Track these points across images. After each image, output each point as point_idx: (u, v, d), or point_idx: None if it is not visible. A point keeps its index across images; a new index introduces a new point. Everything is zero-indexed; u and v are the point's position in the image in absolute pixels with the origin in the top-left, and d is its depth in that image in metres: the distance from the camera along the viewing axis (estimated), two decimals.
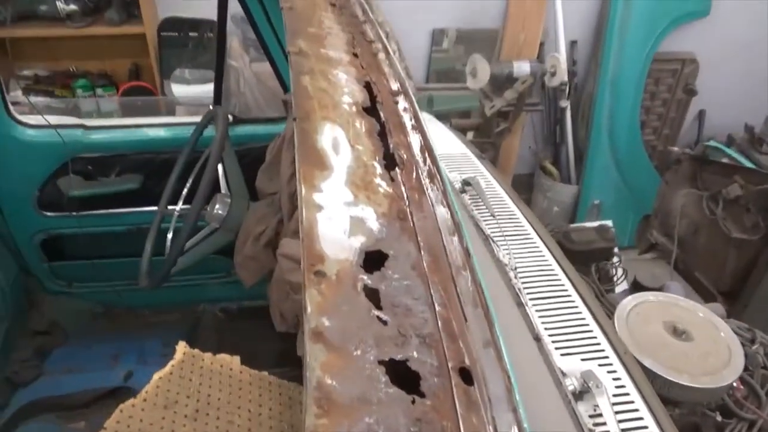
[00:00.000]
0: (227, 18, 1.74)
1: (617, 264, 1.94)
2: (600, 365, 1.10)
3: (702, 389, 1.26)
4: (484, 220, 1.42)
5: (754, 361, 1.46)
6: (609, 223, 3.17)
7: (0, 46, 2.68)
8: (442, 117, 2.54)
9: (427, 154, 0.58)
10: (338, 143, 0.55)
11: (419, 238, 0.47)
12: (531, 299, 1.21)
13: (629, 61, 3.14)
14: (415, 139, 0.60)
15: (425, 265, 0.45)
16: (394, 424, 0.32)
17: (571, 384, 1.03)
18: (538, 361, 1.04)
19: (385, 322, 0.37)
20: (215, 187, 1.56)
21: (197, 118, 1.75)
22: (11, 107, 1.77)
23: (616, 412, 1.00)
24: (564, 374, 1.05)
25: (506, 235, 1.40)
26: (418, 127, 0.62)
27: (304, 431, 0.30)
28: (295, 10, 0.81)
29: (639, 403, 1.04)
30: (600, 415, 1.00)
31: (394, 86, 0.70)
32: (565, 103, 3.21)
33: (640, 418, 1.02)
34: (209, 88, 2.00)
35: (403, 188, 0.53)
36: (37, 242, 1.96)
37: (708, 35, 3.35)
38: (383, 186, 0.52)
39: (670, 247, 2.38)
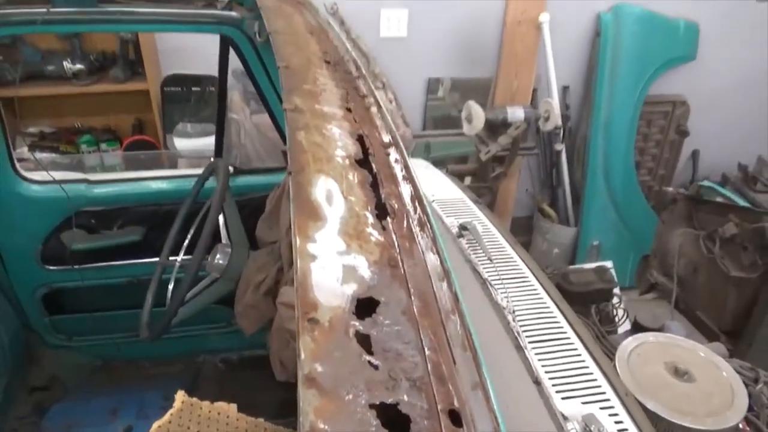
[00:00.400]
0: (228, 73, 1.80)
1: (618, 305, 1.94)
2: (601, 408, 1.09)
3: (706, 431, 1.24)
4: (482, 264, 1.44)
5: (759, 401, 1.44)
6: (608, 263, 3.19)
7: (8, 104, 2.75)
8: (439, 163, 2.59)
9: (417, 203, 0.60)
10: (332, 195, 0.57)
11: (409, 285, 0.49)
12: (530, 342, 1.21)
13: (620, 104, 3.22)
14: (405, 189, 0.63)
15: (415, 310, 0.46)
16: None
17: (573, 428, 1.03)
18: (538, 405, 1.04)
19: (376, 367, 0.39)
20: (216, 237, 1.58)
21: (199, 171, 1.79)
22: (17, 164, 1.81)
23: None
24: (565, 418, 1.04)
25: (504, 279, 1.41)
26: (409, 177, 0.64)
27: None
28: (291, 69, 0.85)
29: None
30: None
31: (386, 138, 0.73)
32: (560, 147, 3.27)
33: None
34: (211, 140, 2.05)
35: (394, 236, 0.55)
36: (38, 297, 1.97)
37: (696, 78, 3.44)
38: (375, 235, 0.54)
39: (670, 286, 2.38)
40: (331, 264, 0.48)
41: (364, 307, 0.45)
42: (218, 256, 1.54)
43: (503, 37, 3.13)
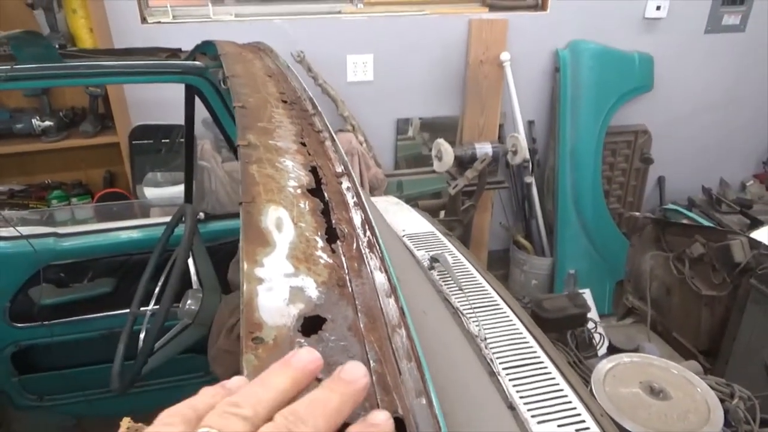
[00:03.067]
0: (194, 120, 1.83)
1: (593, 329, 1.95)
2: (577, 430, 1.09)
3: None
4: (454, 295, 1.45)
5: (736, 416, 1.45)
6: (586, 291, 3.21)
7: None
8: (412, 200, 2.63)
9: (367, 227, 0.62)
10: (282, 222, 0.58)
11: (357, 302, 0.50)
12: (504, 368, 1.22)
13: (584, 135, 3.32)
14: (356, 215, 0.64)
15: (362, 326, 0.47)
16: None
17: None
18: (513, 431, 1.04)
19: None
20: (187, 283, 1.57)
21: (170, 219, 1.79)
22: None
23: None
24: None
25: (475, 308, 1.42)
26: (360, 204, 0.66)
27: None
28: (246, 108, 0.87)
29: None
30: None
31: (339, 169, 0.75)
32: (529, 179, 3.34)
33: None
34: (181, 189, 2.06)
35: (343, 258, 0.56)
36: (7, 355, 1.92)
37: (655, 107, 3.58)
38: (324, 257, 0.55)
39: (646, 309, 2.41)
40: (278, 286, 0.49)
41: (311, 325, 0.46)
42: (189, 301, 1.52)
43: (467, 76, 3.23)
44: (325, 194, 0.67)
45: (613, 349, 1.84)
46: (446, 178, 3.06)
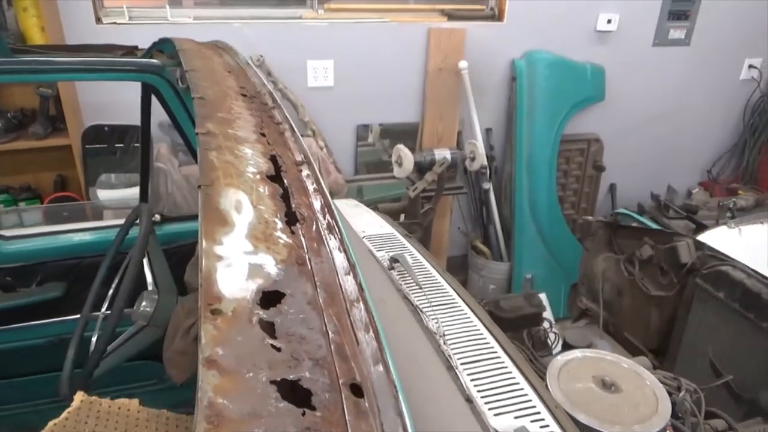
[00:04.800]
0: (150, 120, 1.80)
1: (549, 329, 2.00)
2: (532, 421, 1.12)
3: None
4: (413, 293, 1.46)
5: (683, 407, 1.51)
6: (542, 295, 3.28)
7: None
8: (372, 204, 2.64)
9: (326, 210, 0.63)
10: (241, 204, 0.59)
11: (316, 279, 0.51)
12: (461, 363, 1.24)
13: (539, 142, 3.40)
14: (316, 199, 0.65)
15: (321, 301, 0.48)
16: None
17: None
18: (470, 422, 1.05)
19: (279, 349, 0.40)
20: (142, 285, 1.54)
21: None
22: None
23: None
24: None
25: (434, 306, 1.44)
26: (320, 190, 0.67)
27: None
28: (205, 99, 0.87)
29: None
30: None
31: (299, 158, 0.75)
32: (487, 185, 3.40)
33: None
34: (136, 191, 2.02)
35: (303, 239, 0.57)
36: None
37: (606, 117, 3.71)
38: (283, 238, 0.55)
39: (598, 310, 2.48)
40: (237, 263, 0.49)
41: (270, 299, 0.46)
42: (144, 303, 1.49)
43: (426, 83, 3.27)
44: (285, 180, 0.68)
45: (567, 348, 1.88)
46: (406, 184, 3.09)
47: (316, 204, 0.64)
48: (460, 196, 3.53)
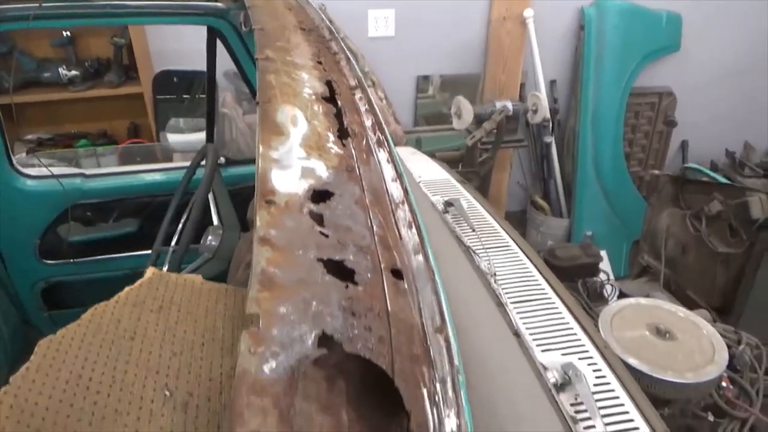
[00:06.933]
0: (216, 63, 1.85)
1: (606, 281, 1.97)
2: (580, 359, 1.13)
3: (687, 385, 1.28)
4: (466, 236, 1.47)
5: (742, 360, 1.47)
6: (602, 253, 3.21)
7: (6, 112, 2.81)
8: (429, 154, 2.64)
9: (377, 128, 0.65)
10: (296, 119, 0.62)
11: (364, 183, 0.53)
12: (511, 301, 1.25)
13: (607, 96, 3.27)
14: (368, 119, 0.67)
15: (368, 201, 0.51)
16: (326, 299, 0.37)
17: (552, 377, 1.06)
18: (518, 356, 1.07)
19: (326, 236, 0.43)
20: (208, 220, 1.63)
21: None
22: (14, 160, 1.86)
23: (597, 400, 1.02)
24: (545, 368, 1.08)
25: (487, 248, 1.45)
26: (372, 111, 0.69)
27: (247, 300, 0.35)
28: (265, 31, 0.90)
29: (619, 392, 1.06)
30: (581, 403, 1.02)
31: (353, 83, 0.78)
32: (549, 139, 3.32)
33: (621, 404, 1.03)
34: (203, 135, 2.10)
35: (353, 151, 0.59)
36: (37, 291, 2.01)
37: (681, 69, 3.50)
38: (335, 149, 0.58)
39: (660, 268, 2.42)
40: (291, 165, 0.53)
41: (320, 196, 0.49)
42: (210, 237, 1.58)
43: (489, 33, 3.19)
44: (339, 102, 0.70)
45: (623, 297, 1.86)
46: (465, 136, 3.06)
47: (368, 122, 0.66)
48: (521, 150, 3.47)
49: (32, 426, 0.41)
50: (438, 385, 0.35)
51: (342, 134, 0.62)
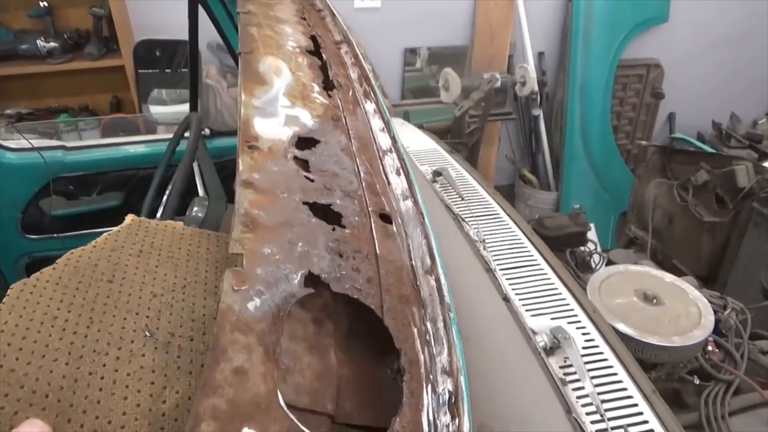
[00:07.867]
0: (198, 30, 1.81)
1: (594, 250, 1.98)
2: (569, 323, 1.13)
3: (674, 348, 1.29)
4: (455, 204, 1.47)
5: (727, 324, 1.49)
6: (590, 225, 3.22)
7: None
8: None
9: (364, 80, 0.63)
10: (280, 69, 0.59)
11: (350, 132, 0.52)
12: (500, 268, 1.25)
13: (595, 67, 3.26)
14: (354, 71, 0.65)
15: (354, 148, 0.49)
16: (313, 241, 0.36)
17: (542, 340, 1.06)
18: (507, 321, 1.07)
19: (312, 180, 0.42)
20: (193, 192, 1.60)
21: None
22: None
23: (586, 363, 1.03)
24: (534, 332, 1.08)
25: (475, 215, 1.44)
26: (358, 64, 0.67)
27: (230, 241, 0.34)
28: None
29: (608, 354, 1.07)
30: (570, 366, 1.03)
31: (338, 38, 0.75)
32: (537, 112, 3.30)
33: (610, 366, 1.04)
34: (186, 107, 2.06)
35: (339, 101, 0.57)
36: (21, 267, 1.98)
37: (669, 40, 3.49)
38: (320, 99, 0.56)
39: (647, 238, 2.43)
40: (274, 113, 0.51)
41: (305, 143, 0.48)
42: (195, 208, 1.55)
43: (477, 4, 3.15)
44: (324, 55, 0.68)
45: (611, 265, 1.86)
46: (453, 109, 3.04)
47: (354, 75, 0.65)
48: (509, 123, 3.45)
49: (6, 366, 0.39)
50: (429, 324, 0.34)
51: (327, 86, 0.60)
